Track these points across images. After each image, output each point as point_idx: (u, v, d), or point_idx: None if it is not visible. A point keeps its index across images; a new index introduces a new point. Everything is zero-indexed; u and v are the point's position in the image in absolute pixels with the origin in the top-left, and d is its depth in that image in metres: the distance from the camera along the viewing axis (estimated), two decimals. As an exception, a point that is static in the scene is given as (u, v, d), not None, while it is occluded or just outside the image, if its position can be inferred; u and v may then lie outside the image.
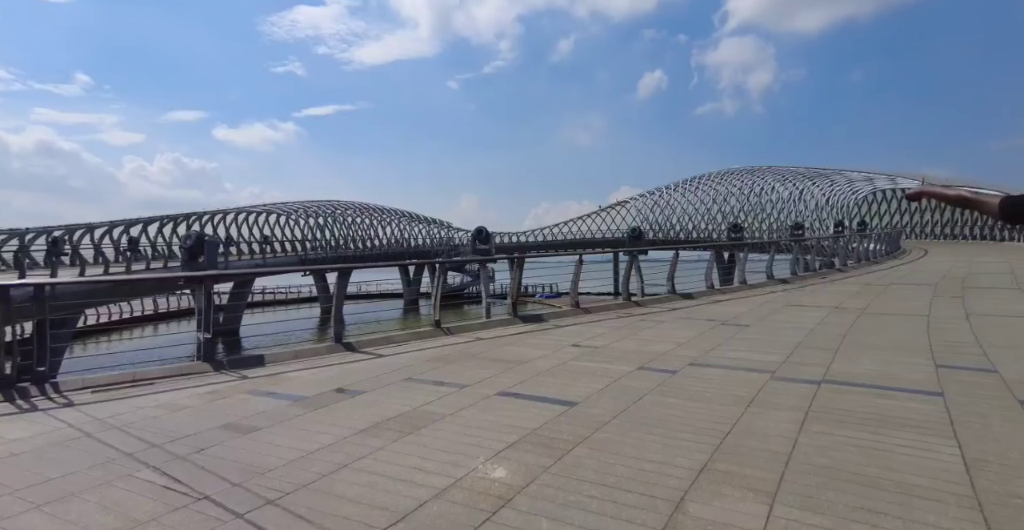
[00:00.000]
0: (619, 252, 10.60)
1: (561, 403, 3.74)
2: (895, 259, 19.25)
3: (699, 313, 8.24)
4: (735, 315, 7.91)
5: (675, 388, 4.08)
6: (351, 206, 53.96)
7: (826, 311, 7.92)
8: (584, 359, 5.18)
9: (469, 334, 6.67)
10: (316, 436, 3.11)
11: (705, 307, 8.94)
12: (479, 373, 4.63)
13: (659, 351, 5.47)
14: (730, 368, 4.68)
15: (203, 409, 3.66)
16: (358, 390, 4.13)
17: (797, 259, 13.37)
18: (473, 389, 4.12)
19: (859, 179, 57.23)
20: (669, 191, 73.59)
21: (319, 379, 4.52)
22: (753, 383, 4.17)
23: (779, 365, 4.74)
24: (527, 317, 7.74)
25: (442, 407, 3.67)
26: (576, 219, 76.38)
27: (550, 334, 6.62)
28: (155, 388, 4.24)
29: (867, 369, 4.49)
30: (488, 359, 5.22)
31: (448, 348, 5.81)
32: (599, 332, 6.70)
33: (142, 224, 26.34)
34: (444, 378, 4.47)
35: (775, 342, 5.79)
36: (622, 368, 4.75)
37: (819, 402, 3.64)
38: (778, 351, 5.32)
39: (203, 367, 4.82)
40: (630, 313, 8.40)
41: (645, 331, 6.73)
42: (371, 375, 4.63)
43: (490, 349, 5.71)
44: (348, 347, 5.78)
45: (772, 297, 10.00)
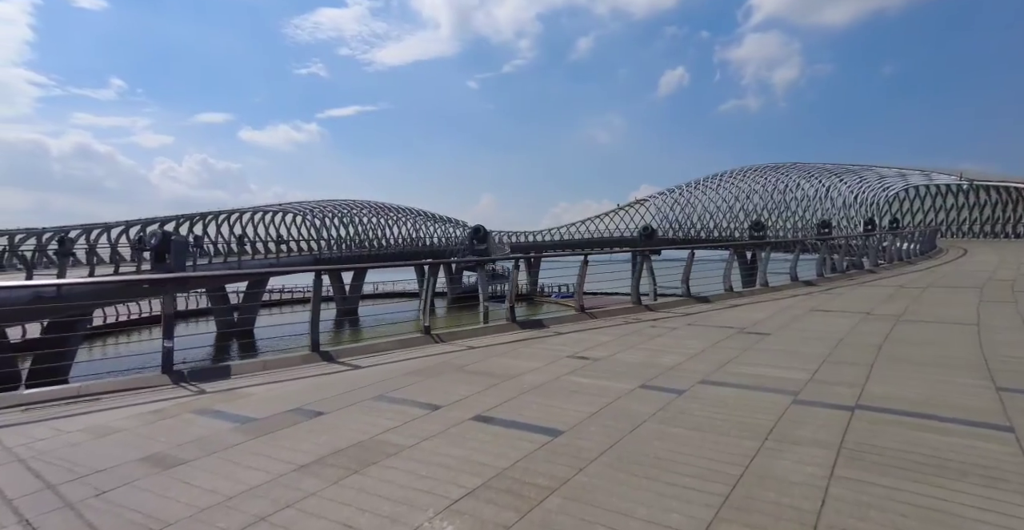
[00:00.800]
0: (631, 252, 9.99)
1: (544, 431, 3.21)
2: (931, 259, 18.14)
3: (714, 319, 7.59)
4: (754, 322, 7.25)
5: (680, 413, 3.50)
6: (367, 205, 53.94)
7: (857, 318, 7.20)
8: (581, 374, 4.62)
9: (460, 342, 6.17)
10: (246, 473, 2.64)
11: (722, 312, 8.28)
12: (459, 390, 4.12)
13: (666, 364, 4.89)
14: (746, 387, 4.08)
15: (134, 434, 3.22)
16: (317, 410, 3.66)
17: (824, 259, 12.53)
18: (447, 411, 3.61)
19: (890, 175, 54.97)
20: (689, 189, 72.02)
21: (280, 395, 4.06)
22: (772, 408, 3.57)
23: (803, 384, 4.12)
24: (526, 323, 7.21)
25: (404, 435, 3.16)
26: (593, 218, 75.33)
27: (548, 343, 6.07)
28: (97, 405, 3.83)
29: (911, 392, 3.84)
30: (474, 372, 4.70)
31: (434, 358, 5.32)
32: (602, 341, 6.13)
33: (158, 224, 26.56)
34: (418, 396, 3.97)
35: (799, 355, 5.15)
36: (621, 386, 4.18)
37: (854, 436, 3.03)
38: (802, 366, 4.69)
39: (161, 380, 4.41)
40: (639, 318, 7.80)
41: (653, 340, 6.13)
42: (339, 391, 4.15)
43: (479, 360, 5.20)
44: (325, 356, 5.33)
45: (796, 301, 9.27)
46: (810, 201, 59.47)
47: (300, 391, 4.18)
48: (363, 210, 52.31)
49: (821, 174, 61.50)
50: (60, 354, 16.39)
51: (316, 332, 5.43)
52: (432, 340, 6.18)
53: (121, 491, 2.44)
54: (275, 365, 4.99)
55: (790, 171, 65.90)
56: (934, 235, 23.08)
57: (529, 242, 71.80)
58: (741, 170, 71.14)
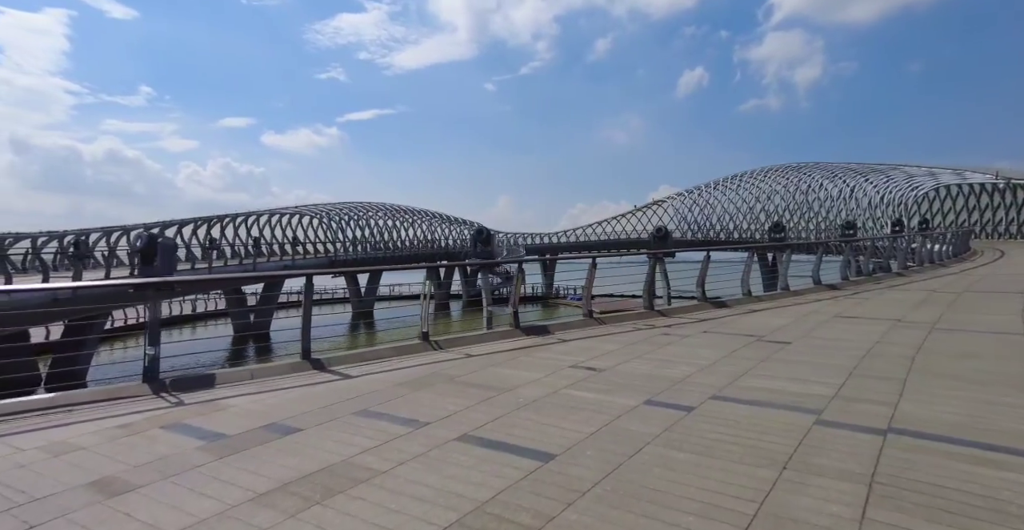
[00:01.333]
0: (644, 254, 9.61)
1: (534, 455, 2.90)
2: (964, 261, 17.29)
3: (731, 325, 7.18)
4: (774, 329, 6.82)
5: (687, 435, 3.16)
6: (381, 207, 54.19)
7: (886, 325, 6.72)
8: (582, 386, 4.29)
9: (459, 349, 5.88)
10: (197, 503, 2.38)
11: (739, 318, 7.85)
12: (448, 405, 3.83)
13: (675, 377, 4.53)
14: (763, 405, 3.71)
15: (93, 453, 3.01)
16: (294, 427, 3.41)
17: (848, 262, 11.95)
18: (431, 430, 3.32)
19: (920, 174, 53.14)
20: (708, 189, 70.87)
21: (260, 409, 3.82)
22: (792, 429, 3.20)
23: (827, 402, 3.73)
24: (530, 328, 6.89)
25: (380, 458, 2.88)
26: (611, 219, 74.65)
27: (551, 351, 5.75)
28: (67, 418, 3.64)
29: (952, 413, 3.43)
30: (468, 384, 4.41)
31: (428, 368, 5.04)
32: (609, 349, 5.79)
33: (176, 226, 26.97)
34: (403, 411, 3.70)
35: (823, 367, 4.74)
36: (625, 401, 3.85)
37: (887, 466, 2.65)
38: (826, 380, 4.29)
39: (141, 389, 4.22)
40: (651, 324, 7.43)
41: (663, 349, 5.76)
42: (322, 404, 3.90)
43: (476, 370, 4.91)
44: (316, 365, 5.10)
45: (819, 306, 8.78)
46: (833, 202, 57.90)
47: (281, 404, 3.94)
48: (378, 212, 52.56)
49: (845, 174, 59.86)
50: (76, 357, 16.60)
51: (307, 339, 5.20)
52: (430, 347, 5.91)
53: (52, 526, 2.20)
54: (262, 374, 4.77)
55: (813, 171, 64.32)
56: (967, 236, 22.08)
57: (545, 243, 71.41)
58: (762, 170, 69.74)
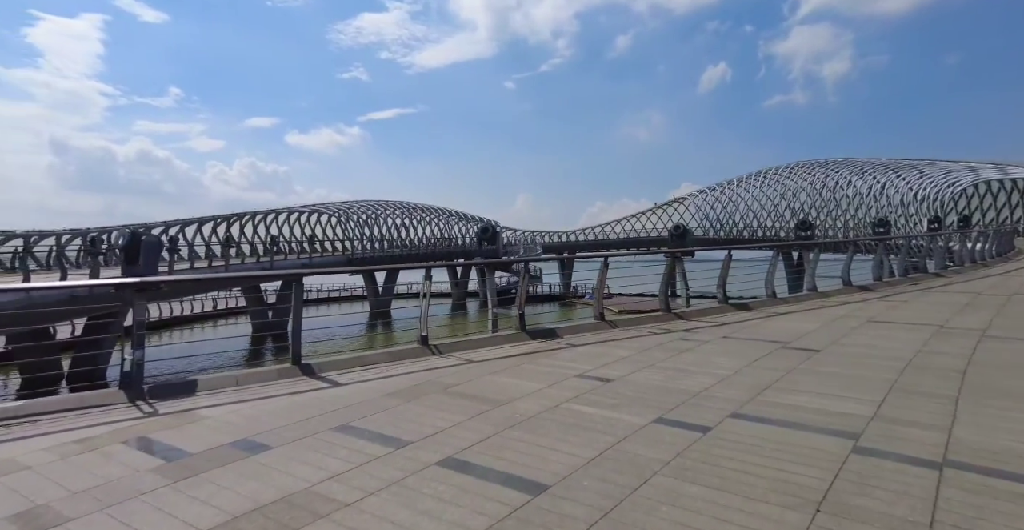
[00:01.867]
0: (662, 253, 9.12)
1: (523, 486, 2.53)
2: (1010, 261, 16.26)
3: (754, 330, 6.68)
4: (801, 334, 6.31)
5: (701, 463, 2.75)
6: (398, 206, 54.31)
7: (927, 332, 6.15)
8: (586, 400, 3.90)
9: (459, 354, 5.54)
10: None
11: (762, 322, 7.34)
12: (437, 420, 3.48)
13: (691, 389, 4.11)
14: (790, 425, 3.27)
15: (37, 474, 2.74)
16: (263, 444, 3.10)
17: (881, 261, 11.24)
18: (412, 451, 2.98)
19: (957, 169, 50.82)
20: (731, 186, 69.21)
21: (234, 421, 3.54)
22: (826, 458, 2.77)
23: (866, 423, 3.27)
24: (537, 332, 6.51)
25: (348, 486, 2.55)
26: (630, 217, 73.57)
27: (556, 358, 5.36)
28: (28, 429, 3.41)
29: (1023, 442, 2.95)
30: (462, 396, 4.06)
31: (423, 375, 4.70)
32: (620, 356, 5.38)
33: (196, 224, 27.33)
34: (387, 427, 3.36)
35: (857, 380, 4.25)
36: (633, 419, 3.45)
37: (949, 513, 2.21)
38: (862, 396, 3.82)
39: (117, 397, 3.98)
40: (667, 329, 6.97)
41: (679, 356, 5.33)
42: (302, 416, 3.59)
43: (473, 379, 4.55)
44: (306, 370, 4.81)
45: (850, 310, 8.20)
46: (863, 199, 55.93)
47: (258, 415, 3.64)
48: (395, 210, 52.71)
49: (876, 170, 57.77)
50: (96, 355, 16.82)
51: (297, 343, 4.92)
52: (429, 352, 5.58)
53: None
54: (248, 380, 4.50)
55: (840, 167, 62.30)
56: (1012, 235, 20.85)
57: (563, 242, 70.77)
58: (787, 167, 67.84)
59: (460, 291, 44.97)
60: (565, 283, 54.08)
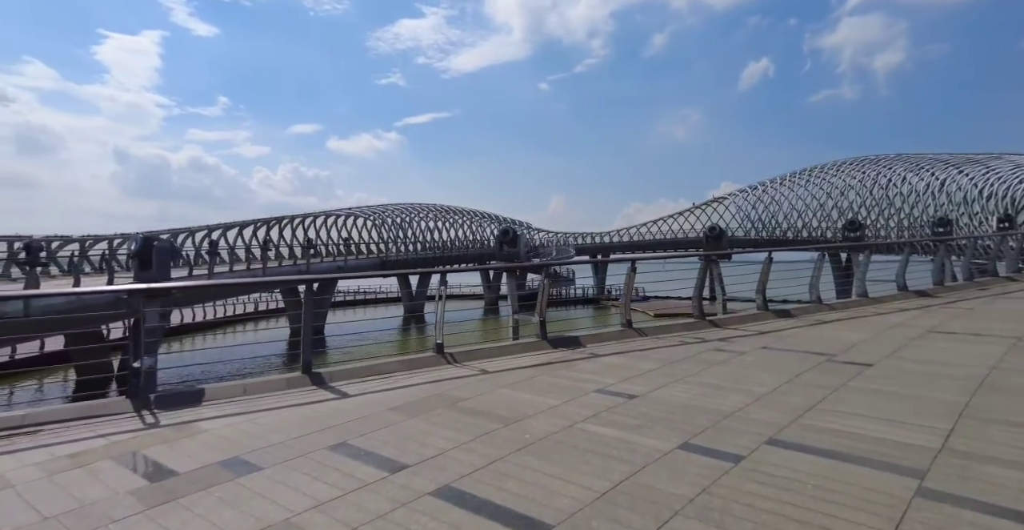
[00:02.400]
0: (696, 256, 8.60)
1: (522, 525, 2.24)
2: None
3: (796, 340, 6.15)
4: (849, 346, 5.75)
5: (731, 502, 2.39)
6: (432, 208, 54.80)
7: (1003, 345, 5.48)
8: (606, 419, 3.57)
9: (475, 364, 5.28)
10: (85, 576, 1.91)
11: (806, 331, 6.77)
12: (440, 440, 3.23)
13: (724, 409, 3.71)
14: (838, 457, 2.85)
15: (16, 495, 2.64)
16: (254, 464, 2.92)
17: (943, 264, 10.33)
18: (408, 476, 2.73)
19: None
20: (774, 185, 66.55)
21: (231, 436, 3.39)
22: (882, 501, 2.35)
23: (933, 458, 2.81)
24: (559, 340, 6.19)
25: (330, 519, 2.32)
26: (666, 217, 71.83)
27: (577, 369, 5.03)
28: (26, 441, 3.35)
29: (1120, 489, 2.44)
30: (471, 412, 3.80)
31: (434, 387, 4.47)
32: (646, 368, 5.00)
33: (237, 228, 28.26)
34: (386, 447, 3.13)
35: (919, 402, 3.74)
36: (655, 444, 3.10)
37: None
38: (927, 422, 3.33)
39: (123, 406, 3.92)
40: (700, 338, 6.52)
41: (712, 369, 4.90)
42: (301, 432, 3.41)
43: (485, 392, 4.29)
44: (316, 380, 4.66)
45: (906, 318, 7.49)
46: (919, 196, 52.64)
47: (256, 430, 3.48)
48: (428, 213, 53.19)
49: (934, 166, 54.28)
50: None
51: (308, 351, 4.78)
52: (443, 360, 5.36)
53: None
54: (256, 390, 4.38)
55: (894, 164, 58.90)
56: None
57: (597, 243, 69.81)
58: (834, 164, 64.73)
59: (492, 295, 44.88)
60: (599, 285, 53.29)
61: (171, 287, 4.59)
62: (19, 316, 11.33)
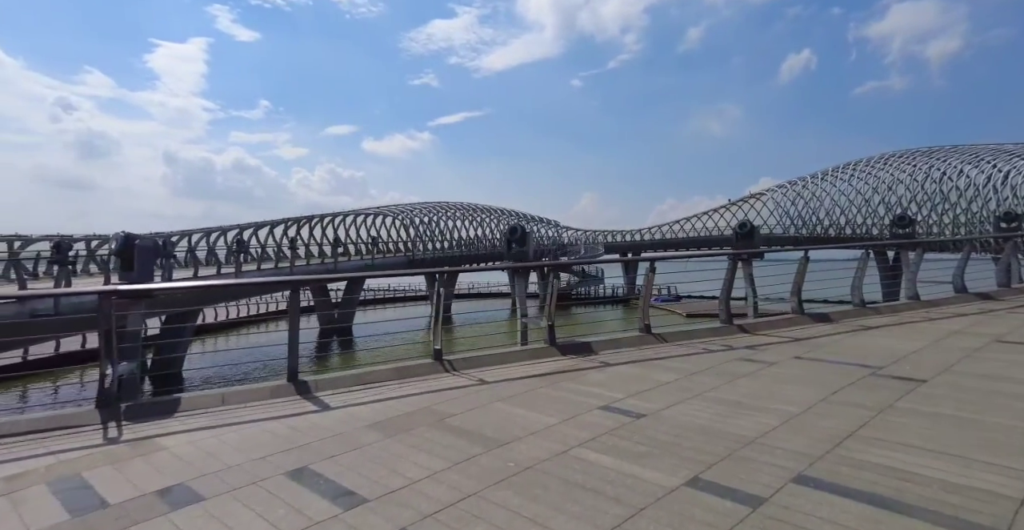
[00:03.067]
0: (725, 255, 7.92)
1: (477, 589, 1.82)
2: None
3: (835, 349, 5.50)
4: (898, 356, 5.08)
5: (744, 569, 1.90)
6: (459, 206, 54.80)
7: (1079, 359, 4.72)
8: (605, 444, 3.11)
9: (473, 372, 4.88)
10: None
11: (847, 338, 6.09)
12: (413, 467, 2.85)
13: (745, 434, 3.20)
14: (883, 504, 2.31)
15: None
16: (197, 494, 2.60)
17: (1009, 264, 9.31)
18: (363, 515, 2.36)
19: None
20: (815, 181, 63.62)
21: (189, 455, 3.09)
22: (941, 576, 1.82)
23: (1014, 510, 2.25)
24: (569, 346, 5.72)
25: (254, 569, 1.96)
26: (700, 215, 69.79)
27: (584, 380, 4.56)
28: (-22, 455, 3.15)
29: None
30: (456, 431, 3.40)
31: (423, 399, 4.10)
32: (662, 380, 4.49)
33: (268, 227, 28.83)
34: (349, 475, 2.77)
35: (986, 430, 3.13)
36: (658, 478, 2.63)
37: None
38: (998, 457, 2.74)
39: (89, 417, 3.70)
40: (727, 345, 5.94)
41: (736, 383, 4.36)
42: (264, 452, 3.09)
43: (478, 406, 3.88)
44: (301, 388, 4.36)
45: (965, 324, 6.68)
46: (978, 190, 49.23)
47: (217, 449, 3.18)
48: (456, 212, 53.23)
49: (996, 156, 50.69)
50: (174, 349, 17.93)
51: (294, 358, 4.48)
52: (441, 368, 4.98)
53: None
54: (235, 399, 4.11)
55: (948, 156, 55.36)
56: None
57: (627, 242, 68.47)
58: (880, 157, 61.38)
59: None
60: (629, 284, 52.21)
61: (144, 289, 4.36)
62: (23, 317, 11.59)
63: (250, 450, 3.11)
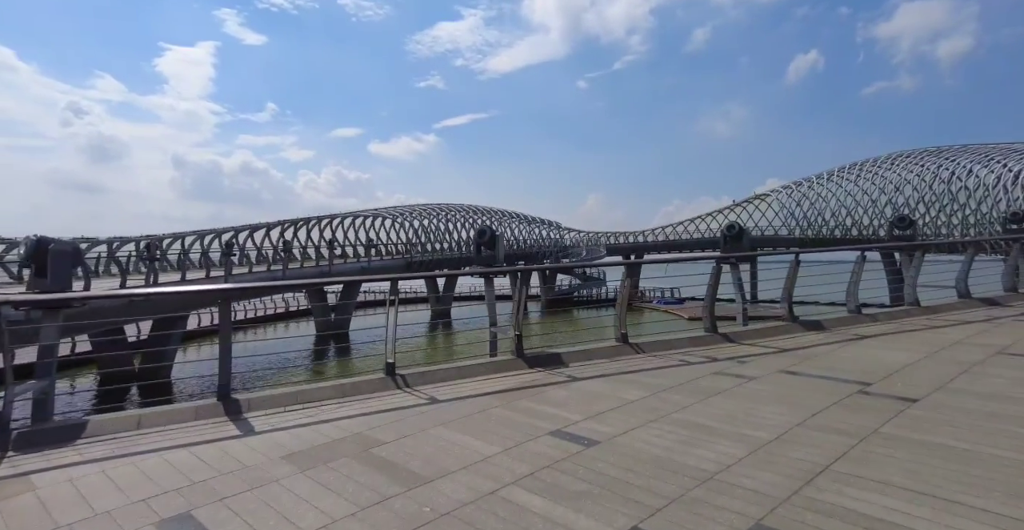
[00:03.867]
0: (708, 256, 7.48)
1: None
2: None
3: (825, 362, 5.09)
4: (891, 369, 4.67)
5: None
6: (460, 208, 54.45)
7: (1090, 376, 4.27)
8: (543, 481, 2.72)
9: (427, 389, 4.51)
10: None
11: (839, 349, 5.66)
12: (311, 512, 2.47)
13: (705, 468, 2.80)
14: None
15: None
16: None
17: (1016, 266, 8.83)
18: (222, 577, 1.98)
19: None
20: (820, 181, 62.79)
21: (56, 498, 2.72)
22: None
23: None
24: (537, 358, 5.33)
25: None
26: (704, 216, 69.05)
27: (544, 398, 4.17)
28: None
29: None
30: (379, 464, 3.02)
31: (357, 422, 3.72)
32: (628, 398, 4.10)
33: (264, 229, 28.59)
34: (232, 526, 2.40)
35: (978, 464, 2.71)
36: (592, 528, 2.24)
37: None
38: (991, 503, 2.33)
39: (-20, 445, 3.34)
40: (709, 356, 5.53)
41: (709, 402, 3.96)
42: (146, 494, 2.72)
43: (415, 432, 3.51)
44: (231, 408, 4.00)
45: (967, 333, 6.24)
46: (988, 190, 48.30)
47: (93, 490, 2.80)
48: (457, 213, 52.91)
49: (1007, 156, 49.75)
50: (161, 356, 17.70)
51: (226, 374, 4.12)
52: (392, 384, 4.61)
53: None
54: (154, 422, 3.75)
55: (957, 155, 54.44)
56: None
57: (630, 243, 67.88)
58: (887, 158, 60.50)
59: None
60: (633, 284, 51.63)
61: (40, 300, 3.99)
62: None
63: (135, 489, 2.74)
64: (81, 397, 18.53)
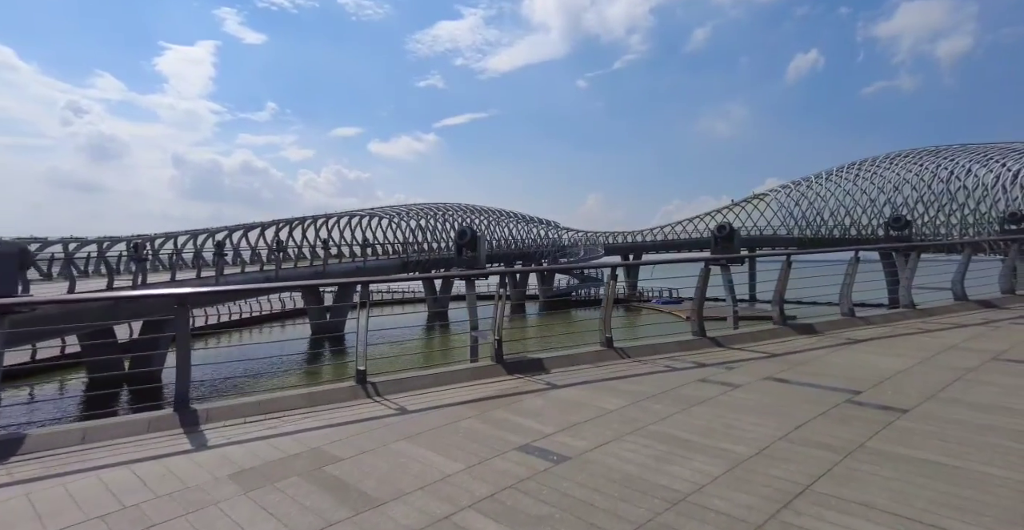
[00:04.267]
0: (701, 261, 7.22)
1: None
2: None
3: (814, 368, 4.90)
4: (882, 376, 4.48)
5: None
6: (457, 208, 54.23)
7: (1089, 384, 4.08)
8: (502, 504, 2.53)
9: (398, 398, 4.31)
10: None
11: (830, 354, 5.48)
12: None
13: (678, 488, 2.61)
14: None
15: None
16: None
17: (1014, 267, 8.64)
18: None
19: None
20: (819, 181, 62.58)
21: None
22: None
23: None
24: (516, 364, 5.14)
25: None
26: (703, 216, 68.89)
27: (518, 408, 3.98)
28: None
29: None
30: (328, 484, 2.83)
31: (315, 436, 3.52)
32: (606, 408, 3.91)
33: (259, 228, 28.36)
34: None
35: (971, 483, 2.53)
36: (542, 563, 2.05)
37: None
38: (979, 523, 2.15)
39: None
40: (696, 361, 5.35)
41: (690, 412, 3.76)
42: (74, 520, 2.53)
43: (374, 447, 3.31)
44: (187, 420, 3.80)
45: (962, 337, 6.05)
46: (987, 190, 48.12)
47: (12, 517, 2.62)
48: (454, 213, 52.71)
49: (1005, 155, 49.56)
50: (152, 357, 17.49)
51: (183, 383, 3.93)
52: (362, 393, 4.41)
53: None
54: (101, 435, 3.55)
55: (956, 155, 54.24)
56: None
57: (628, 243, 67.71)
58: (886, 157, 60.30)
59: (520, 291, 43.92)
60: (631, 285, 51.57)
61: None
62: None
63: (56, 517, 2.54)
64: (69, 402, 18.35)
